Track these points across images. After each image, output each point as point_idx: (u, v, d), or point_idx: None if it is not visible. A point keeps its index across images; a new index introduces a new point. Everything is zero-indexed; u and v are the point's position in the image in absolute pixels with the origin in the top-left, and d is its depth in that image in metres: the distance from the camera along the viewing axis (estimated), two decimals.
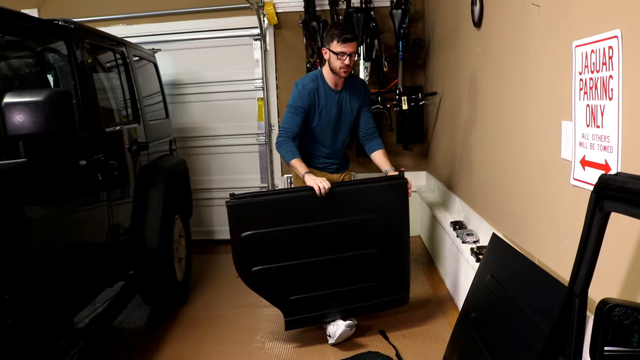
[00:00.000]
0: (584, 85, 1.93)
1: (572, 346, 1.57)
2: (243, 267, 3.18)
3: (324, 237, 3.22)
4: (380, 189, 3.34)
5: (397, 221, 3.32)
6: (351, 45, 3.22)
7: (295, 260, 3.19)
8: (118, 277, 3.39)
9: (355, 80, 3.57)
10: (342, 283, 3.29)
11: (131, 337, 3.64)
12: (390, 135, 5.71)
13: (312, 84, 3.39)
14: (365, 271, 3.31)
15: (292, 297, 3.26)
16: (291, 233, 3.16)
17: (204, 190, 5.70)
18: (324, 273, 3.26)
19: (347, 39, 3.19)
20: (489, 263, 2.71)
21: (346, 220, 3.22)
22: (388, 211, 3.30)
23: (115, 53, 3.66)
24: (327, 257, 3.23)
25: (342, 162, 3.71)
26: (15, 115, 2.03)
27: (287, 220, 3.16)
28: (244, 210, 3.13)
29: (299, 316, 3.31)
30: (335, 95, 3.43)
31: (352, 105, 3.50)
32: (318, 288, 3.27)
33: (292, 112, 3.39)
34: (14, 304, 2.10)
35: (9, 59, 2.75)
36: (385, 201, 3.30)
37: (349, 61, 3.26)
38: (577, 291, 1.52)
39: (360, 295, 3.34)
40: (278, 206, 3.18)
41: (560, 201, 2.19)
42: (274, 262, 3.18)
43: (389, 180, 3.38)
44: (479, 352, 2.39)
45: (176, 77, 5.57)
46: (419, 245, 5.42)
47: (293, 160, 3.32)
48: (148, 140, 3.86)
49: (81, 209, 2.82)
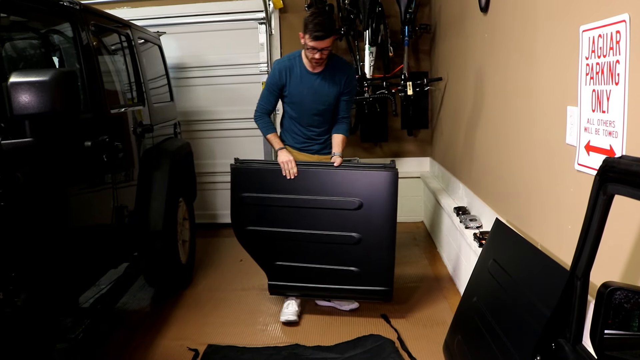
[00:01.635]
0: (591, 70, 1.92)
1: (573, 329, 1.58)
2: (238, 225, 3.45)
3: (312, 211, 3.34)
4: (369, 176, 3.33)
5: (383, 210, 3.29)
6: (322, 42, 3.14)
7: (283, 228, 3.38)
8: (122, 259, 3.41)
9: (340, 65, 3.44)
10: (324, 261, 3.39)
11: (135, 317, 3.67)
12: (395, 121, 5.71)
13: (286, 63, 3.39)
14: (346, 254, 3.36)
15: (277, 262, 3.45)
16: (282, 202, 3.35)
17: (208, 174, 5.71)
18: (308, 247, 3.39)
19: (318, 37, 3.11)
20: (491, 248, 2.72)
21: (332, 200, 3.30)
22: (375, 199, 3.29)
23: (120, 35, 3.66)
24: (312, 232, 3.35)
25: (326, 144, 3.60)
26: (21, 95, 2.04)
27: (280, 190, 3.35)
28: (244, 174, 3.42)
29: (282, 282, 3.49)
30: (310, 77, 3.36)
31: (330, 91, 3.39)
32: (302, 260, 3.42)
33: (266, 89, 3.47)
34: (20, 283, 2.12)
35: (14, 40, 2.75)
36: (373, 188, 3.31)
37: (319, 56, 3.20)
38: (579, 274, 1.52)
39: (341, 278, 3.38)
40: (273, 176, 3.35)
41: (564, 186, 2.20)
42: (265, 226, 3.40)
43: (379, 168, 3.36)
44: (480, 336, 2.41)
45: (181, 60, 5.55)
46: (422, 230, 5.43)
47: (269, 135, 3.49)
48: (152, 123, 3.86)
49: (86, 190, 2.83)
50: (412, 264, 4.41)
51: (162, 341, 3.28)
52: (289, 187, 3.33)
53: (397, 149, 5.87)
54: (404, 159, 5.85)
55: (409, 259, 4.53)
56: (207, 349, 3.14)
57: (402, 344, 3.10)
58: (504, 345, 2.12)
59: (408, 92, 4.78)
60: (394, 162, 3.37)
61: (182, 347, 3.18)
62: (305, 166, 3.36)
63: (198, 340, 3.24)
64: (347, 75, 3.44)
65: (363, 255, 3.35)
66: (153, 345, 3.23)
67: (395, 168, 3.32)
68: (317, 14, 3.18)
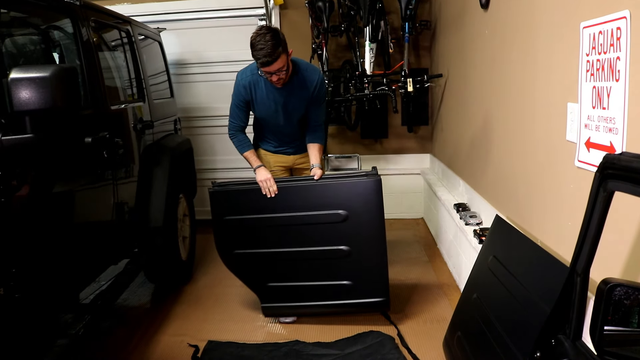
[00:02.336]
0: (591, 66, 1.92)
1: (573, 325, 1.58)
2: (224, 250, 3.35)
3: (298, 228, 3.25)
4: (351, 185, 3.25)
5: (370, 219, 3.21)
6: (272, 66, 2.98)
7: (271, 248, 3.29)
8: (122, 255, 3.42)
9: (307, 74, 3.27)
10: (316, 277, 3.31)
11: (136, 313, 3.68)
12: (395, 117, 5.70)
13: (250, 78, 3.24)
14: (337, 268, 3.27)
15: (269, 284, 3.36)
16: (266, 222, 3.27)
17: (208, 170, 5.70)
18: (298, 264, 3.30)
19: (264, 63, 2.95)
20: (491, 244, 2.73)
21: (316, 214, 3.22)
22: (360, 209, 3.21)
23: (120, 31, 3.65)
24: (301, 249, 3.27)
25: (302, 145, 3.52)
26: (22, 91, 2.04)
27: (262, 210, 3.26)
28: (224, 197, 3.32)
29: (275, 304, 3.38)
30: (277, 92, 3.23)
31: (299, 104, 3.30)
32: (293, 279, 3.33)
33: (235, 105, 3.36)
34: (21, 278, 2.13)
35: (14, 36, 2.75)
36: (357, 198, 3.22)
37: (276, 78, 3.06)
38: (579, 270, 1.53)
39: (336, 293, 3.30)
40: (253, 196, 3.26)
41: (565, 183, 2.20)
42: (251, 248, 3.32)
43: (361, 176, 3.27)
44: (480, 332, 2.42)
45: (181, 56, 5.54)
46: (422, 227, 5.44)
47: (245, 153, 3.39)
48: (153, 119, 3.86)
49: (86, 186, 2.83)
50: (412, 261, 4.42)
51: (163, 337, 3.28)
52: (271, 206, 3.24)
53: (398, 146, 5.86)
54: (404, 156, 5.86)
55: (408, 256, 4.54)
56: (207, 345, 3.15)
57: (402, 340, 3.11)
58: (503, 341, 2.12)
59: (408, 89, 4.77)
60: (375, 168, 3.30)
61: (182, 343, 3.19)
62: (285, 182, 3.29)
63: (198, 337, 3.25)
64: (315, 84, 3.28)
65: (354, 267, 3.26)
66: (153, 341, 3.24)
67: (377, 175, 3.24)
68: (260, 35, 2.95)
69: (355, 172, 3.41)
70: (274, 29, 3.06)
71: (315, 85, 3.28)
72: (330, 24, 5.09)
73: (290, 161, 3.59)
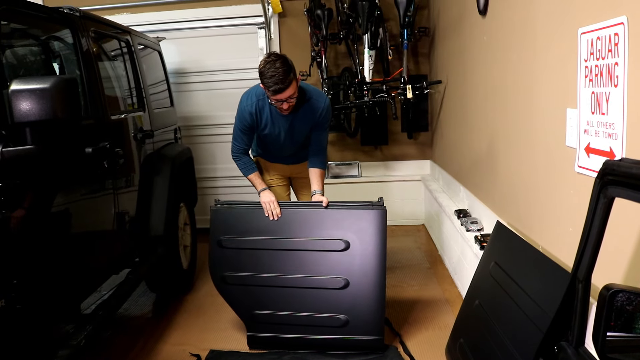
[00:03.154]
0: (589, 72, 1.92)
1: (575, 332, 1.58)
2: (215, 270, 3.23)
3: (296, 254, 3.16)
4: (356, 215, 3.16)
5: (372, 251, 3.10)
6: (284, 93, 2.93)
7: (262, 272, 3.17)
8: (124, 265, 3.41)
9: (313, 100, 3.21)
10: (309, 308, 3.14)
11: (137, 323, 3.68)
12: (394, 124, 5.71)
13: (256, 104, 3.18)
14: (333, 300, 3.11)
15: (256, 311, 3.18)
16: (263, 244, 3.17)
17: (209, 179, 5.72)
18: (291, 293, 3.15)
19: (276, 90, 2.91)
20: (493, 251, 2.72)
21: (317, 240, 3.14)
22: (362, 239, 3.12)
23: (120, 41, 3.66)
24: (296, 276, 3.14)
25: (301, 156, 3.48)
26: (22, 102, 2.04)
27: (262, 232, 3.19)
28: (225, 216, 3.25)
29: (261, 334, 3.20)
30: (283, 117, 3.20)
31: (305, 128, 3.28)
32: (284, 307, 3.16)
33: (238, 129, 3.30)
34: (22, 290, 2.13)
35: (14, 47, 2.76)
36: (360, 228, 3.13)
37: (287, 106, 3.02)
38: (581, 276, 1.52)
39: (328, 328, 3.11)
40: (255, 217, 3.21)
41: (565, 189, 2.20)
42: (244, 271, 3.18)
43: (366, 207, 3.18)
44: (482, 339, 2.41)
45: (181, 65, 5.57)
46: (423, 234, 5.43)
47: (250, 176, 3.36)
48: (153, 129, 3.87)
49: (87, 196, 2.83)
50: (414, 267, 4.41)
51: (164, 346, 3.27)
52: (271, 229, 3.17)
53: (398, 152, 5.87)
54: (404, 162, 5.86)
55: (410, 263, 4.53)
56: (209, 354, 3.14)
57: (404, 348, 3.10)
58: (506, 348, 2.12)
59: (408, 95, 4.79)
60: (381, 199, 3.22)
61: (184, 352, 3.18)
62: (289, 206, 3.25)
63: (200, 346, 3.24)
64: (321, 111, 3.23)
65: (351, 300, 3.10)
66: (155, 350, 3.23)
67: (383, 206, 3.16)
68: (270, 63, 2.89)
69: (360, 203, 3.27)
70: (282, 55, 2.99)
71: (321, 112, 3.24)
72: (329, 31, 5.12)
73: (289, 170, 3.58)
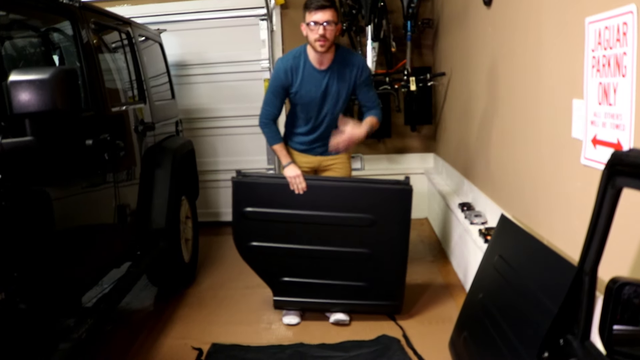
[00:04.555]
0: (597, 62, 1.89)
1: (581, 325, 1.55)
2: (241, 240, 3.34)
3: (319, 227, 3.23)
4: (381, 192, 3.25)
5: (396, 228, 3.22)
6: (324, 12, 2.92)
7: (289, 244, 3.27)
8: (125, 258, 3.39)
9: (349, 58, 3.21)
10: (333, 276, 3.31)
11: (139, 317, 3.67)
12: (398, 117, 5.68)
13: (291, 62, 3.17)
14: (356, 270, 3.28)
15: (283, 279, 3.37)
16: (289, 218, 3.24)
17: (211, 172, 5.69)
18: (315, 262, 3.29)
19: (319, 6, 2.92)
20: (497, 244, 2.70)
21: (341, 216, 3.21)
22: (387, 216, 3.21)
23: (120, 33, 3.63)
24: (319, 248, 3.26)
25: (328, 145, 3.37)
26: (21, 93, 2.01)
27: (285, 205, 3.24)
28: (248, 188, 3.28)
29: (287, 298, 3.40)
30: (318, 75, 3.17)
31: (340, 88, 3.21)
32: (309, 275, 3.33)
33: (271, 93, 3.26)
34: (23, 283, 2.11)
35: (13, 38, 2.73)
36: (385, 205, 3.22)
37: (323, 31, 2.95)
38: (587, 269, 1.50)
39: (349, 293, 3.32)
40: (279, 190, 3.23)
41: (571, 181, 2.17)
42: (270, 242, 3.29)
43: (393, 184, 3.27)
44: (486, 332, 2.39)
45: (182, 57, 5.53)
46: (427, 227, 5.41)
47: (275, 146, 3.32)
48: (154, 121, 3.84)
49: (87, 189, 2.81)
50: (417, 261, 4.39)
51: (166, 340, 3.26)
52: (296, 202, 3.21)
53: (401, 145, 5.84)
54: (408, 155, 5.83)
55: (413, 256, 4.49)
56: (211, 348, 3.12)
57: (407, 342, 3.08)
58: (510, 342, 2.09)
59: (411, 88, 4.77)
60: (408, 178, 3.28)
61: (186, 346, 3.16)
62: (314, 180, 3.26)
63: (202, 339, 3.23)
64: (358, 67, 3.22)
65: (374, 271, 3.27)
66: (157, 344, 3.22)
67: (410, 185, 3.23)
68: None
69: (387, 180, 3.39)
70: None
71: (358, 66, 3.21)
72: None
73: (317, 162, 3.47)
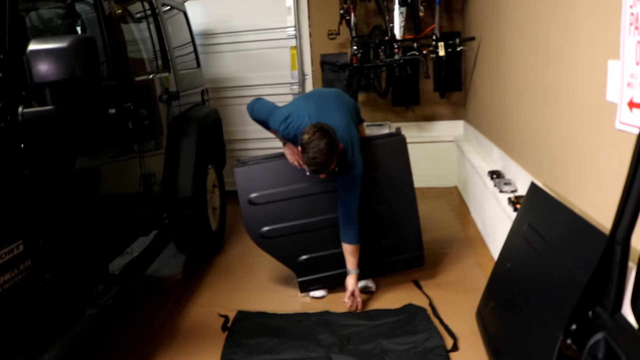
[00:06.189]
0: (635, 20, 1.78)
1: (612, 297, 1.49)
2: (252, 228, 3.34)
3: (326, 196, 3.26)
4: (378, 147, 3.31)
5: (400, 178, 3.31)
6: (321, 174, 2.91)
7: (300, 219, 3.29)
8: (152, 226, 3.43)
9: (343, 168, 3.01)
10: None
11: (167, 284, 3.73)
12: (426, 83, 5.56)
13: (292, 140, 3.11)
14: (369, 230, 3.26)
15: (301, 257, 3.33)
16: (294, 193, 3.29)
17: (239, 141, 5.69)
18: (329, 232, 3.24)
19: (315, 171, 2.86)
20: (526, 212, 2.63)
21: None
22: (388, 169, 3.30)
23: (144, 3, 3.61)
24: (329, 216, 3.24)
25: None
26: (40, 62, 2.01)
27: (290, 181, 3.29)
28: (250, 174, 3.33)
29: (311, 276, 3.34)
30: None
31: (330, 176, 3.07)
32: (325, 247, 3.29)
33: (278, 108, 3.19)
34: (48, 250, 2.14)
35: (39, 9, 2.73)
36: (385, 159, 3.31)
37: (322, 176, 2.99)
38: (619, 238, 1.43)
39: (372, 255, 3.30)
40: (280, 168, 3.30)
41: (605, 146, 2.08)
42: (281, 222, 3.31)
43: (385, 137, 3.36)
44: (514, 303, 2.34)
45: (207, 26, 5.49)
46: (456, 196, 5.33)
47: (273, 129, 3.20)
48: (179, 90, 3.83)
49: (112, 157, 2.83)
50: (446, 230, 4.33)
51: (193, 307, 3.31)
52: (298, 176, 3.25)
53: (430, 112, 5.73)
54: (437, 123, 5.73)
55: (442, 225, 4.45)
56: (237, 315, 3.15)
57: (434, 311, 3.05)
58: (538, 313, 2.05)
59: (440, 53, 4.64)
60: (399, 129, 3.37)
61: (212, 313, 3.20)
62: None
63: (228, 307, 3.26)
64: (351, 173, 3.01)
65: (388, 226, 3.33)
66: (184, 311, 3.27)
67: (402, 134, 3.33)
68: (314, 141, 2.74)
69: (379, 135, 3.46)
70: (326, 131, 2.79)
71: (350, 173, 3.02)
72: None
73: None
